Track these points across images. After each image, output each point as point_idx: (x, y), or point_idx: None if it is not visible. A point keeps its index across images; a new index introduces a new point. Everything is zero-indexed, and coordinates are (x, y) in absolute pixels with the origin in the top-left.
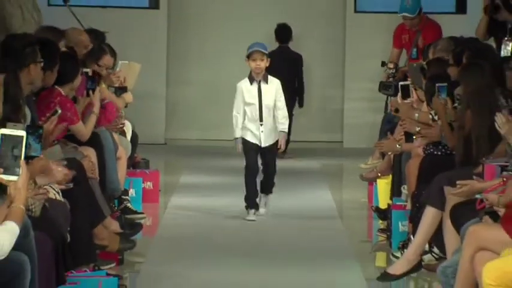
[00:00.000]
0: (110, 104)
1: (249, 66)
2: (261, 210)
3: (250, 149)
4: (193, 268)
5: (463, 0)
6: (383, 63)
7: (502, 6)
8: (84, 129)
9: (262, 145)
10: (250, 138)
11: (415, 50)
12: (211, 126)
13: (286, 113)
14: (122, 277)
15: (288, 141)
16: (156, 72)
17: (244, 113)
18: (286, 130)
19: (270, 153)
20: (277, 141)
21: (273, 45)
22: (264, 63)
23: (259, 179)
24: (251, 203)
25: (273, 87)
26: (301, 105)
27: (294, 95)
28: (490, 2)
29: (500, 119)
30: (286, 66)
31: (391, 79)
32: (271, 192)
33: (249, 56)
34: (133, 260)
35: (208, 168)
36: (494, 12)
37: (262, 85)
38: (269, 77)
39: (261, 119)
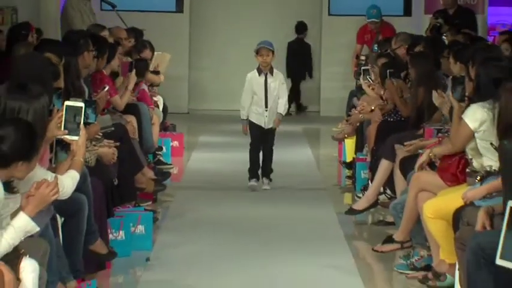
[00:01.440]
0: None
1: (257, 61)
2: (264, 187)
3: (255, 129)
4: (210, 205)
5: (409, 5)
6: (357, 56)
7: (443, 25)
8: (119, 101)
9: (266, 127)
10: (255, 120)
11: (376, 45)
12: (222, 99)
13: (286, 101)
14: (155, 212)
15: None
16: (181, 60)
17: (252, 99)
18: (283, 113)
19: (270, 134)
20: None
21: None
22: (269, 58)
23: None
24: (253, 174)
25: (277, 79)
26: (310, 76)
27: (304, 69)
28: (433, 24)
29: (434, 95)
30: (301, 51)
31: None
32: (270, 179)
33: (257, 52)
34: (164, 199)
35: (220, 131)
36: (438, 31)
37: (268, 77)
38: (274, 70)
39: (266, 105)
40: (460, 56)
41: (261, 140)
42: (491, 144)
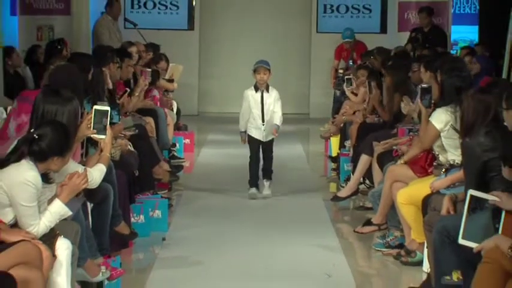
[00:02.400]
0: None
1: (254, 78)
2: (265, 192)
3: (254, 143)
4: (216, 193)
5: (385, 24)
6: (335, 70)
7: (420, 39)
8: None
9: (264, 140)
10: (254, 134)
11: (351, 61)
12: (227, 103)
13: (281, 115)
14: (170, 198)
15: None
16: (192, 71)
17: (250, 114)
18: (279, 124)
19: (269, 145)
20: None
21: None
22: (266, 76)
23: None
24: (252, 184)
25: (273, 96)
26: None
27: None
28: (413, 37)
29: (402, 104)
30: None
31: (340, 81)
32: (271, 178)
33: (255, 70)
34: (178, 188)
35: (225, 130)
36: (416, 42)
37: (265, 93)
38: (270, 87)
39: (263, 120)
40: (429, 66)
41: (260, 151)
42: (454, 128)
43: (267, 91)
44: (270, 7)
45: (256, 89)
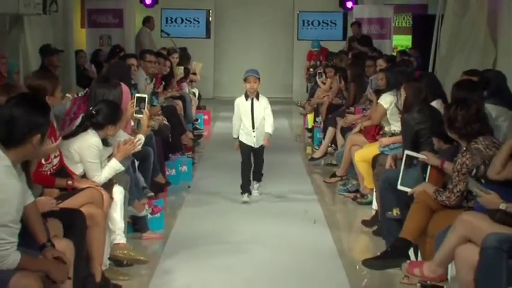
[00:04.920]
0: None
1: (245, 87)
2: (254, 193)
3: (245, 149)
4: (228, 153)
5: (345, 33)
6: (308, 69)
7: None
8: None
9: (255, 146)
10: (245, 140)
11: (318, 62)
12: (234, 90)
13: (272, 122)
14: (194, 158)
15: None
16: (209, 67)
17: (241, 121)
18: (270, 132)
19: (260, 151)
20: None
21: (264, 66)
22: (256, 85)
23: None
24: (245, 189)
25: (263, 103)
26: None
27: None
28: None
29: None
30: None
31: (312, 77)
32: (261, 180)
33: (245, 79)
34: (199, 150)
35: (233, 109)
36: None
37: (255, 101)
38: (260, 95)
39: (253, 127)
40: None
41: (252, 157)
42: (396, 106)
43: (257, 99)
44: (264, 22)
45: (247, 97)
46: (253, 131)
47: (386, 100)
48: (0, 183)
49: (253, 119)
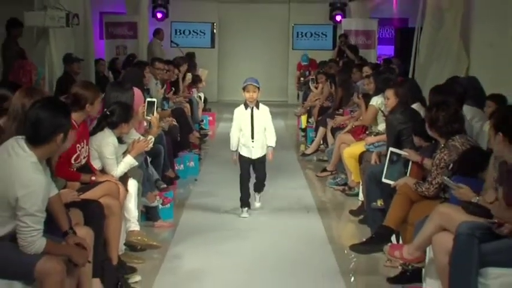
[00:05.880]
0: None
1: (244, 96)
2: (256, 204)
3: (244, 161)
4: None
5: (335, 43)
6: (299, 79)
7: (347, 50)
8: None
9: (253, 157)
10: (244, 153)
11: (307, 72)
12: (236, 93)
13: (273, 132)
14: (200, 154)
15: None
16: (213, 73)
17: (240, 131)
18: (273, 145)
19: (260, 163)
20: (265, 154)
21: (262, 72)
22: (256, 94)
23: (251, 183)
24: (244, 203)
25: (263, 113)
26: None
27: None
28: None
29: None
30: None
31: (302, 86)
32: (262, 190)
33: (244, 88)
34: (205, 147)
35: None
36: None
37: (255, 110)
38: (260, 104)
39: (252, 137)
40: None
41: (251, 171)
42: (381, 110)
43: (257, 108)
44: (262, 33)
45: (246, 106)
46: (253, 141)
47: (378, 102)
48: (28, 177)
49: (252, 129)
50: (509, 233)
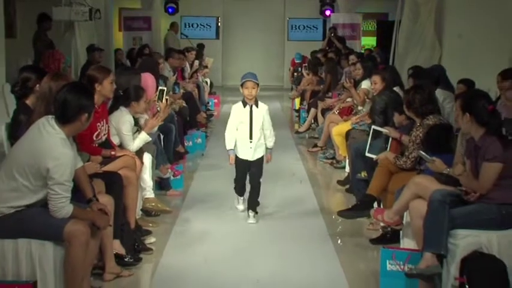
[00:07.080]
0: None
1: (242, 93)
2: (249, 221)
3: (240, 164)
4: None
5: (324, 35)
6: (292, 72)
7: (335, 41)
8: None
9: (251, 159)
10: (241, 155)
11: (300, 68)
12: (239, 78)
13: (272, 132)
14: (207, 132)
15: None
16: (218, 61)
17: (236, 130)
18: (272, 147)
19: (257, 164)
20: (263, 155)
21: (261, 60)
22: (255, 91)
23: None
24: (239, 193)
25: (262, 111)
26: None
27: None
28: (328, 39)
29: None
30: None
31: (295, 80)
32: (256, 210)
33: (242, 85)
34: (211, 126)
35: (238, 94)
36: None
37: (253, 108)
38: (259, 102)
39: (250, 137)
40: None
41: (247, 173)
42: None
43: (256, 106)
44: (261, 26)
45: (245, 104)
46: (251, 141)
47: (368, 84)
48: (58, 151)
49: (251, 128)
50: (475, 199)
